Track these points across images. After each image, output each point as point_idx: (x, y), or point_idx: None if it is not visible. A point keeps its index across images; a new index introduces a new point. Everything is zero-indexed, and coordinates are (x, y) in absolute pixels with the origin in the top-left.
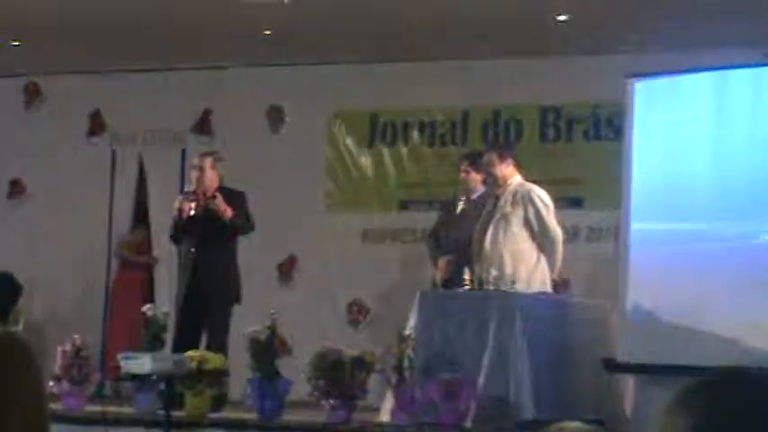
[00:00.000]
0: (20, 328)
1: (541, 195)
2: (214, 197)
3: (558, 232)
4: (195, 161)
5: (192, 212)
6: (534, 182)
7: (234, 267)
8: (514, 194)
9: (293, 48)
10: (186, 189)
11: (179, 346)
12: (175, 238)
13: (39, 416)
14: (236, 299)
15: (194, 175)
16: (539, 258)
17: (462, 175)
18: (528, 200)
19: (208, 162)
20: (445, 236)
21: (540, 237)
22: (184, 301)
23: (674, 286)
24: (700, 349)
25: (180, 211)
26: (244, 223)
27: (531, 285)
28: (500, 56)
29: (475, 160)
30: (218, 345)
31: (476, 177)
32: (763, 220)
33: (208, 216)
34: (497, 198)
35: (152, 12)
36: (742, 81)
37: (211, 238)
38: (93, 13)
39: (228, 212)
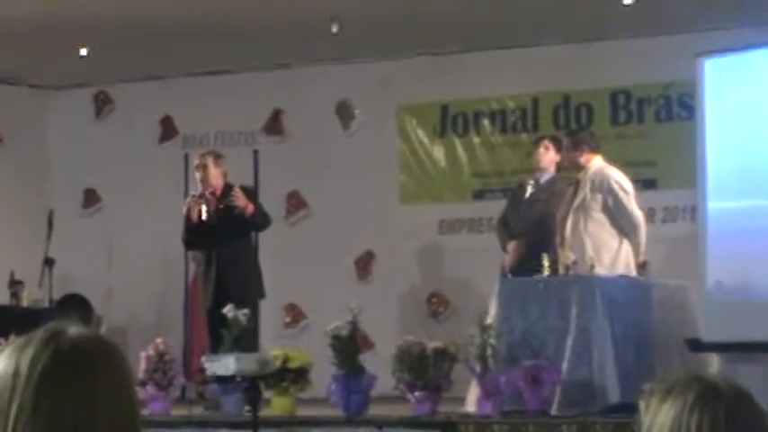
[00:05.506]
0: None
1: (620, 180)
2: (231, 195)
3: (638, 215)
4: (196, 161)
5: (204, 215)
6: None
7: (255, 263)
8: (593, 181)
9: (360, 43)
10: (192, 192)
11: (215, 348)
12: (189, 242)
13: (132, 422)
14: (261, 294)
15: (198, 175)
16: (621, 243)
17: (541, 150)
18: (606, 186)
19: (210, 159)
20: (514, 221)
21: (621, 222)
22: (213, 304)
23: (753, 263)
24: None
25: (189, 213)
26: (263, 219)
27: (614, 270)
28: (568, 41)
29: (557, 140)
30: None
31: (553, 158)
32: None
33: (223, 216)
34: (577, 184)
35: (215, 13)
36: None
37: (229, 237)
38: (158, 18)
39: (250, 208)
